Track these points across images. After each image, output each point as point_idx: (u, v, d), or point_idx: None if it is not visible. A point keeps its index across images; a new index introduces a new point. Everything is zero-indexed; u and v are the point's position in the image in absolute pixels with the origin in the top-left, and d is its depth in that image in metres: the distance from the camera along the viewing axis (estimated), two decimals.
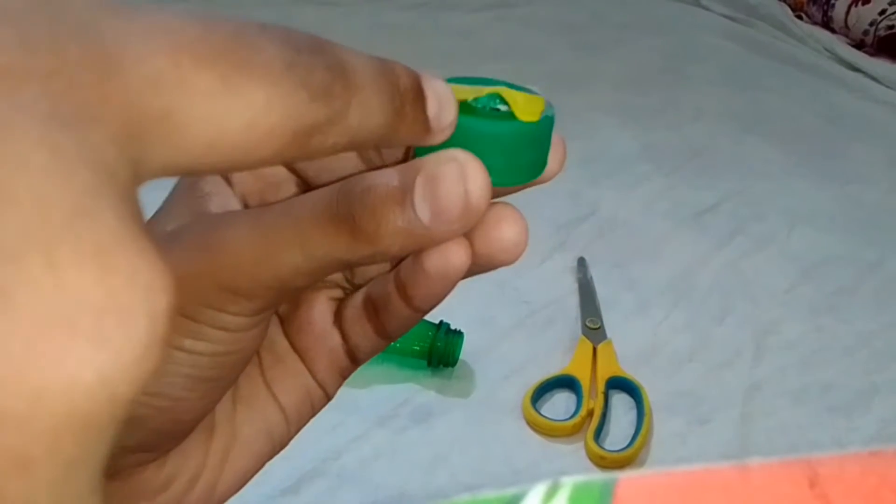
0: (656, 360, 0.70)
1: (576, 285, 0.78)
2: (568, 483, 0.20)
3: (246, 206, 0.26)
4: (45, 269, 0.12)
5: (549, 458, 0.62)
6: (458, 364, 0.68)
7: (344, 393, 0.29)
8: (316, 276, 0.24)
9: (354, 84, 0.19)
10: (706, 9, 1.47)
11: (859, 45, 1.31)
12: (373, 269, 0.27)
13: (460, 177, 0.21)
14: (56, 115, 0.13)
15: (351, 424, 0.63)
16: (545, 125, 0.23)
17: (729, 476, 0.19)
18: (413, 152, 0.23)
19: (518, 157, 0.23)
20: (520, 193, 0.33)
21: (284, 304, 0.27)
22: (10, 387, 0.12)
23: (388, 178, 0.22)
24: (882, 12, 1.28)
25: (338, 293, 0.27)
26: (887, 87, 1.19)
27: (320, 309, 0.27)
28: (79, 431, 0.13)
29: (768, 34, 1.37)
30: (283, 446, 0.28)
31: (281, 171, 0.26)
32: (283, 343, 0.28)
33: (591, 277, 0.79)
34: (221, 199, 0.25)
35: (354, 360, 0.28)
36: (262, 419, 0.27)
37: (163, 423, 0.24)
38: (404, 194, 0.21)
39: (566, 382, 0.67)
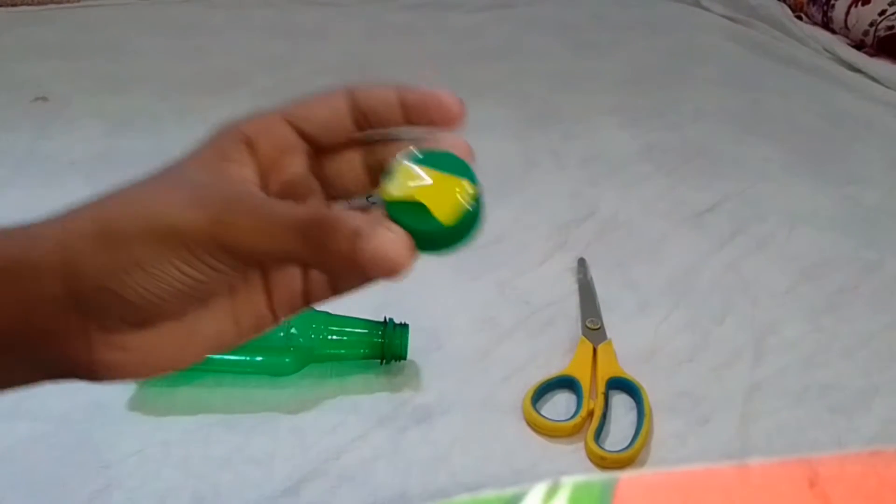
0: (656, 361, 0.70)
1: (576, 286, 0.78)
2: (568, 483, 0.20)
3: (263, 171, 0.36)
4: None
5: (550, 459, 0.62)
6: (458, 364, 0.68)
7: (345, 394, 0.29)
8: (284, 263, 0.36)
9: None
10: (706, 9, 1.48)
11: (859, 46, 1.31)
12: None
13: (393, 248, 0.32)
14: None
15: (351, 425, 0.63)
16: (459, 224, 0.33)
17: (729, 476, 0.19)
18: (384, 204, 0.33)
19: (438, 243, 0.33)
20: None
21: None
22: None
23: (349, 221, 0.32)
24: (882, 13, 1.28)
25: None
26: (887, 87, 1.19)
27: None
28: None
29: (768, 35, 1.37)
30: (226, 349, 0.37)
31: (293, 140, 0.37)
32: (256, 277, 0.37)
33: (592, 278, 0.79)
34: (239, 167, 0.35)
35: (307, 302, 0.38)
36: (218, 325, 0.36)
37: (147, 310, 0.33)
38: (357, 240, 0.32)
39: (566, 383, 0.67)
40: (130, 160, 0.97)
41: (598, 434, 0.63)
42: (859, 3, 1.31)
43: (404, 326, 0.67)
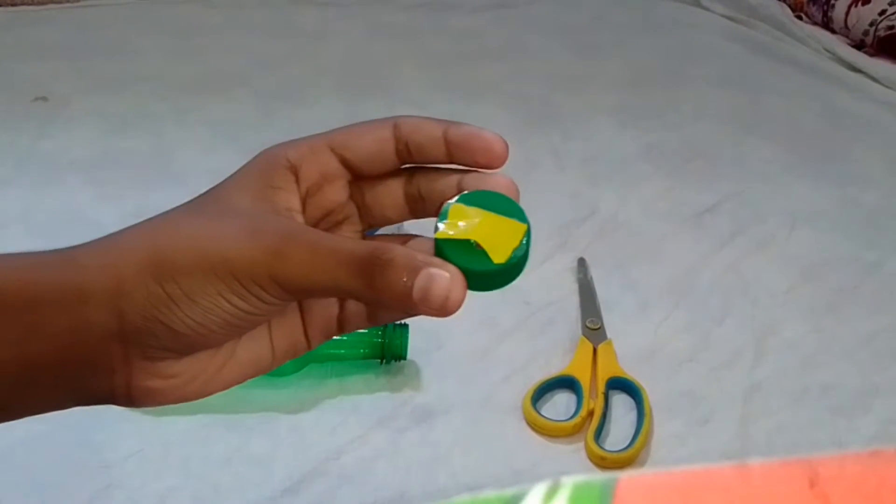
0: (656, 361, 0.70)
1: (576, 286, 0.78)
2: (568, 483, 0.20)
3: (304, 197, 0.36)
4: None
5: (550, 459, 0.62)
6: (458, 364, 0.68)
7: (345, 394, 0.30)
8: (334, 296, 0.37)
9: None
10: (706, 9, 1.47)
11: (859, 46, 1.31)
12: None
13: (447, 286, 0.32)
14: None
15: (351, 425, 0.63)
16: (511, 264, 0.34)
17: (729, 476, 0.19)
18: (435, 241, 0.34)
19: (489, 282, 0.34)
20: (520, 194, 0.35)
21: None
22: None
23: (406, 259, 0.32)
24: (882, 13, 1.28)
25: None
26: (887, 87, 1.19)
27: None
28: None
29: (768, 35, 1.37)
30: (261, 374, 0.37)
31: (335, 168, 0.37)
32: (293, 304, 0.37)
33: (592, 278, 0.79)
34: (286, 195, 0.36)
35: (341, 329, 0.38)
36: (256, 351, 0.37)
37: (192, 340, 0.33)
38: (413, 278, 0.32)
39: (566, 383, 0.67)
40: (130, 160, 0.97)
41: (598, 434, 0.63)
42: (859, 3, 1.31)
43: (404, 326, 0.67)
